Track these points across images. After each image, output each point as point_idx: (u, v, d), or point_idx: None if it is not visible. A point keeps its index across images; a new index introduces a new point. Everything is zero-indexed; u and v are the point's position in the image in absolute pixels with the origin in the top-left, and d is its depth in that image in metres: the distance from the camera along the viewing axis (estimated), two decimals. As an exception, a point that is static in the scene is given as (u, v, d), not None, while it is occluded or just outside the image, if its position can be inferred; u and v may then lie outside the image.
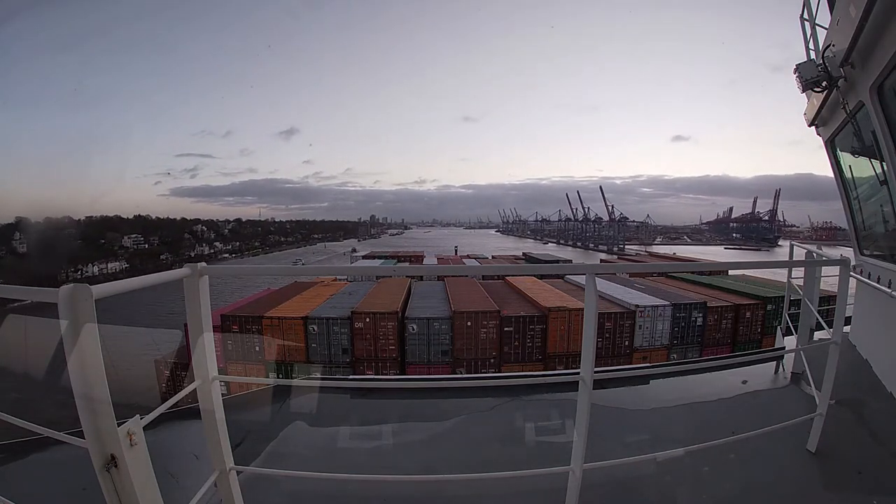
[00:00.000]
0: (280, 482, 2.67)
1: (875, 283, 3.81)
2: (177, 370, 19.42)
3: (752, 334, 22.65)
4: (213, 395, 1.94)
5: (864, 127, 3.62)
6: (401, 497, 2.67)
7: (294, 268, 7.55)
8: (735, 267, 3.86)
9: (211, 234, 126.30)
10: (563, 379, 3.29)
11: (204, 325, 1.91)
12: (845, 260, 2.76)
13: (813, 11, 4.10)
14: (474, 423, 3.63)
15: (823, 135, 4.62)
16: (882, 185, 3.63)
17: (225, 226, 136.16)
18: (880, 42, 2.87)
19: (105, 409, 1.40)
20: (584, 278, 2.07)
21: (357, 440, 3.50)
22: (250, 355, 21.11)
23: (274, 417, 3.76)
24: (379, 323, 20.95)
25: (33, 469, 3.09)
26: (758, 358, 5.08)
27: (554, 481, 2.20)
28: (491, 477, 2.41)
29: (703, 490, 2.65)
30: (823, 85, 3.67)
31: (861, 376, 3.92)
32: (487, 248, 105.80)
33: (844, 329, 4.06)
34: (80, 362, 1.36)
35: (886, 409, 3.42)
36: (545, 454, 3.00)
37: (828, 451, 2.84)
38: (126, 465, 1.42)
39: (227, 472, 2.02)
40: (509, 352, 21.36)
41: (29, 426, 1.65)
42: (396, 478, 2.66)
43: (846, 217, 4.70)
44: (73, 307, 1.34)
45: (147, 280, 1.68)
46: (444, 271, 28.03)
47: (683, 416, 3.63)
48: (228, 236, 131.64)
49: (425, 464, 3.06)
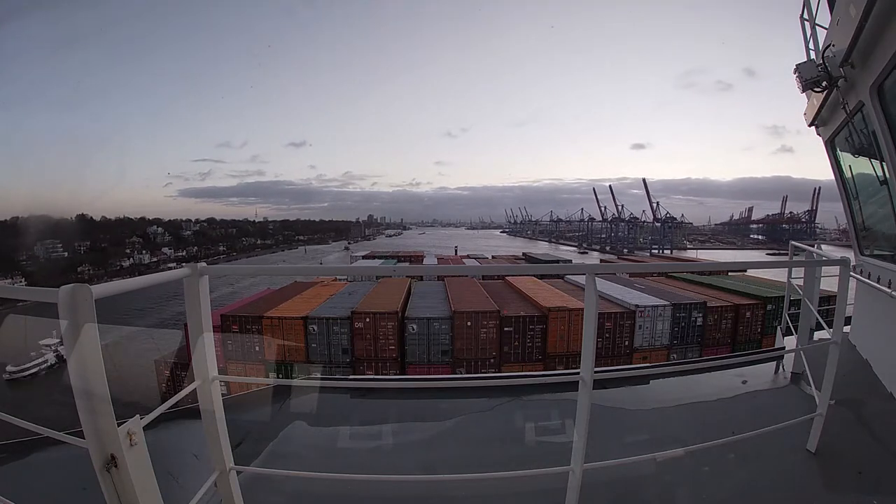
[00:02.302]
0: (280, 482, 2.67)
1: (875, 284, 3.81)
2: (177, 370, 19.43)
3: (751, 334, 22.68)
4: (213, 395, 1.94)
5: (863, 127, 3.62)
6: (401, 497, 2.67)
7: (294, 267, 7.57)
8: (735, 267, 3.86)
9: (166, 236, 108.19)
10: (563, 379, 3.28)
11: (204, 325, 1.91)
12: (845, 260, 2.76)
13: (813, 11, 4.10)
14: (474, 423, 3.63)
15: (823, 135, 4.62)
16: (882, 185, 3.64)
17: (188, 226, 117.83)
18: (880, 42, 2.87)
19: (105, 409, 1.40)
20: (584, 278, 2.07)
21: (357, 440, 3.50)
22: (250, 355, 21.13)
23: (274, 417, 3.76)
24: (379, 323, 20.97)
25: (33, 469, 3.09)
26: (758, 358, 5.08)
27: (554, 481, 2.20)
28: (491, 477, 2.41)
29: (703, 490, 2.65)
30: (823, 85, 3.67)
31: (861, 376, 3.92)
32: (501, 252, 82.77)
33: (844, 329, 4.06)
34: (80, 362, 1.36)
35: (886, 409, 3.42)
36: (545, 454, 3.00)
37: (828, 451, 2.84)
38: (126, 465, 1.42)
39: (227, 472, 2.02)
40: (509, 352, 21.39)
41: (29, 426, 1.65)
42: (396, 478, 2.66)
43: (846, 217, 4.70)
44: (73, 307, 1.34)
45: (147, 280, 1.69)
46: (444, 271, 28.07)
47: (683, 416, 3.63)
48: (190, 239, 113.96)
49: (425, 464, 3.07)
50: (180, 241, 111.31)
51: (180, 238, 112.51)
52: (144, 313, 45.70)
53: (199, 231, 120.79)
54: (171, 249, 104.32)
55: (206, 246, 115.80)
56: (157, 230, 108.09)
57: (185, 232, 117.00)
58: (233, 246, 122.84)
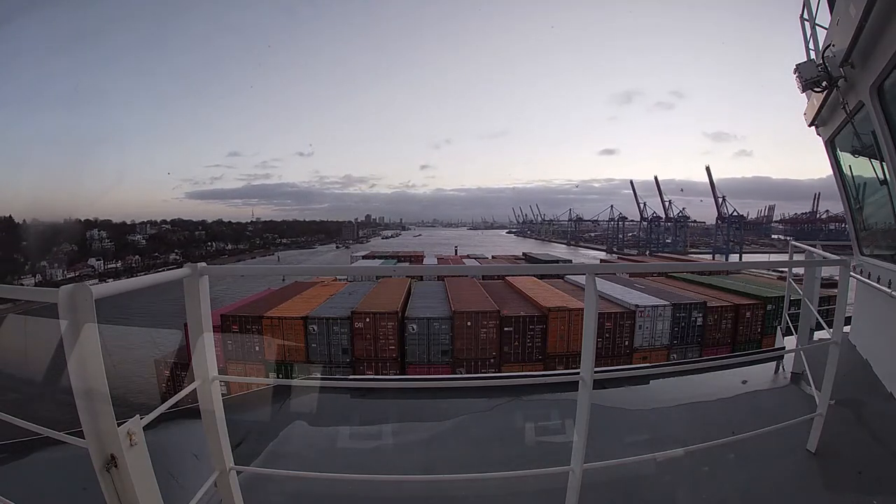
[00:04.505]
0: (280, 482, 2.67)
1: (875, 283, 3.81)
2: (177, 370, 19.42)
3: (751, 334, 22.67)
4: (213, 395, 1.95)
5: (863, 127, 3.62)
6: (401, 497, 2.67)
7: (294, 267, 7.59)
8: (735, 267, 3.88)
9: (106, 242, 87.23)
10: (563, 379, 3.28)
11: (204, 325, 1.91)
12: (845, 260, 2.76)
13: (813, 11, 4.10)
14: (474, 423, 3.63)
15: (823, 135, 4.63)
16: (882, 185, 3.64)
17: (143, 229, 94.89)
18: (880, 42, 2.87)
19: (105, 409, 1.40)
20: (584, 278, 2.07)
21: (357, 440, 3.50)
22: (250, 355, 21.11)
23: (274, 417, 3.76)
24: (379, 323, 20.95)
25: (33, 469, 3.09)
26: (758, 358, 5.08)
27: (554, 481, 2.20)
28: (491, 477, 2.41)
29: (703, 490, 2.65)
30: (823, 85, 3.67)
31: (861, 376, 3.92)
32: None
33: (844, 329, 4.06)
34: (80, 362, 1.37)
35: (886, 409, 3.42)
36: (545, 454, 3.00)
37: (828, 451, 2.84)
38: (126, 465, 1.42)
39: (227, 472, 2.02)
40: (509, 352, 21.36)
41: (29, 426, 1.65)
42: (396, 478, 2.66)
43: (846, 217, 4.71)
44: (73, 307, 1.34)
45: (147, 280, 1.69)
46: (444, 271, 28.09)
47: (683, 416, 3.63)
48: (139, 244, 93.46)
49: (425, 464, 3.07)
50: (126, 247, 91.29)
51: (126, 244, 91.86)
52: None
53: (156, 235, 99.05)
54: (99, 260, 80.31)
55: (154, 255, 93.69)
56: (100, 235, 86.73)
57: (135, 236, 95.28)
58: (189, 254, 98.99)
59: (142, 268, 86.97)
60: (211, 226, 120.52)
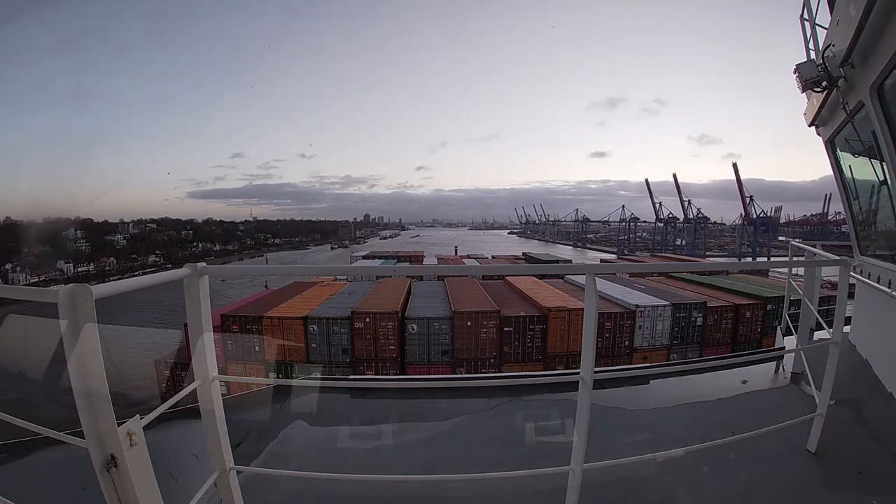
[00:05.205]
0: (280, 482, 2.67)
1: (875, 283, 3.81)
2: (177, 370, 19.42)
3: (751, 334, 22.65)
4: (213, 395, 1.94)
5: (863, 127, 3.62)
6: (401, 497, 2.67)
7: (294, 267, 7.58)
8: (735, 267, 3.87)
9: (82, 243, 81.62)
10: (563, 379, 3.28)
11: (204, 325, 1.91)
12: (845, 260, 2.76)
13: (813, 11, 4.10)
14: (474, 423, 3.63)
15: (823, 135, 4.62)
16: (882, 185, 3.64)
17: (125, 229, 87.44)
18: (880, 42, 2.87)
19: (105, 409, 1.40)
20: (584, 278, 2.07)
21: (357, 440, 3.50)
22: (250, 355, 21.10)
23: (274, 417, 3.76)
24: (379, 323, 20.94)
25: (33, 469, 3.09)
26: (758, 358, 5.08)
27: (554, 481, 2.20)
28: (491, 477, 2.41)
29: (703, 490, 2.64)
30: (823, 85, 3.67)
31: (861, 376, 3.92)
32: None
33: (844, 329, 4.06)
34: (80, 362, 1.36)
35: (886, 409, 3.42)
36: (545, 454, 3.00)
37: (828, 451, 2.84)
38: (126, 465, 1.42)
39: (227, 472, 2.01)
40: (509, 352, 21.34)
41: (29, 426, 1.65)
42: (396, 478, 2.66)
43: (846, 217, 4.71)
44: (73, 307, 1.34)
45: (147, 280, 1.69)
46: (444, 271, 28.06)
47: (683, 416, 3.63)
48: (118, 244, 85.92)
49: (425, 464, 3.06)
50: (103, 248, 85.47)
51: (104, 245, 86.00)
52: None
53: (139, 235, 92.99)
54: (68, 263, 74.04)
55: (133, 257, 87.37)
56: (76, 234, 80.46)
57: (114, 236, 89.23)
58: (172, 255, 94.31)
59: (116, 271, 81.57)
60: (200, 225, 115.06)
